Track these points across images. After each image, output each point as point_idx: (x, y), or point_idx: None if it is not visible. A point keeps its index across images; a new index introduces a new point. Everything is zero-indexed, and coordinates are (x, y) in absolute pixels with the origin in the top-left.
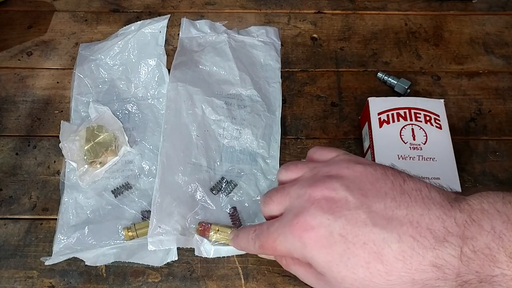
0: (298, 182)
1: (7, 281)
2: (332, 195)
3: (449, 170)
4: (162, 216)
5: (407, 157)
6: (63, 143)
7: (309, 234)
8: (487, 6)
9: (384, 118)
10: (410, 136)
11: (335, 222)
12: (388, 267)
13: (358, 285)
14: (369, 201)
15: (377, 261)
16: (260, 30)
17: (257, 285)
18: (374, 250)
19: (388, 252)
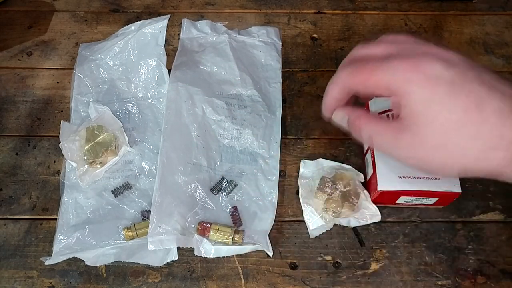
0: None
1: (7, 281)
2: (446, 56)
3: None
4: (162, 216)
5: None
6: (63, 143)
7: (418, 71)
8: (487, 6)
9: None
10: None
11: (447, 71)
12: (484, 116)
13: (447, 128)
14: (477, 71)
15: (476, 109)
16: (261, 30)
17: (257, 285)
18: (476, 100)
19: (488, 105)
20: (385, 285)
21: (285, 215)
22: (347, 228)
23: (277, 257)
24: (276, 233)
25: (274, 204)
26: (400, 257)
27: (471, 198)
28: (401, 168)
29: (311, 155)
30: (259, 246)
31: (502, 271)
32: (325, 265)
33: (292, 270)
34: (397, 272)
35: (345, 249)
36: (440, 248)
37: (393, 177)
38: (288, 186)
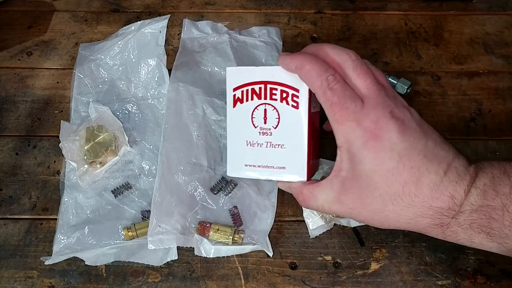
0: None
1: (7, 281)
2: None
3: (297, 158)
4: (162, 215)
5: (256, 143)
6: (63, 143)
7: (375, 142)
8: (487, 6)
9: (238, 95)
10: (262, 118)
11: (401, 142)
12: (419, 190)
13: (386, 197)
14: (427, 137)
15: (413, 184)
16: (261, 30)
17: (257, 285)
18: (415, 175)
19: (425, 179)
20: (385, 285)
21: (285, 215)
22: (347, 228)
23: (277, 257)
24: (276, 233)
25: (274, 204)
26: (400, 257)
27: None
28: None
29: None
30: (259, 246)
31: (502, 271)
32: (325, 265)
33: (292, 270)
34: (397, 272)
35: (345, 249)
36: (440, 248)
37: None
38: None
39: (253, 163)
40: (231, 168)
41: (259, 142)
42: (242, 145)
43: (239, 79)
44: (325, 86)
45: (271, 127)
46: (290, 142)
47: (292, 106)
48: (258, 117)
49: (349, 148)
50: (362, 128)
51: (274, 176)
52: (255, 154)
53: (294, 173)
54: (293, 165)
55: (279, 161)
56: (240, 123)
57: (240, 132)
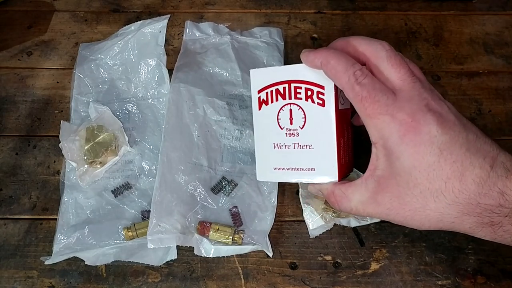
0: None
1: (7, 281)
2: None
3: (327, 159)
4: (162, 214)
5: (283, 145)
6: (63, 143)
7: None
8: (487, 6)
9: (263, 97)
10: (288, 119)
11: (441, 136)
12: (464, 186)
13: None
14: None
15: (457, 179)
16: (263, 31)
17: (257, 285)
18: (459, 170)
19: (470, 174)
20: (385, 285)
21: (285, 215)
22: (347, 228)
23: (277, 257)
24: (276, 233)
25: (274, 204)
26: (400, 257)
27: None
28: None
29: None
30: (259, 246)
31: (502, 271)
32: (325, 265)
33: (292, 270)
34: (397, 272)
35: (345, 249)
36: (440, 248)
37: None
38: (288, 186)
39: (282, 166)
40: (260, 172)
41: (287, 144)
42: (269, 148)
43: (263, 81)
44: (353, 81)
45: (297, 127)
46: (319, 141)
47: (318, 104)
48: (284, 118)
49: (385, 143)
50: (397, 122)
51: (304, 178)
52: (283, 157)
53: (324, 174)
54: (323, 165)
55: (308, 162)
56: (266, 125)
57: (267, 135)
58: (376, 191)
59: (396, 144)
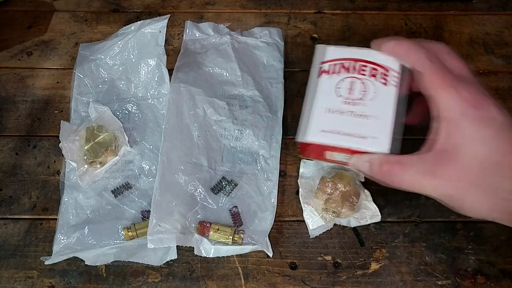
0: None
1: (7, 281)
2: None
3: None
4: (162, 214)
5: (337, 111)
6: (63, 143)
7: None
8: (487, 6)
9: (325, 68)
10: (347, 89)
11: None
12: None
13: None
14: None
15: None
16: (263, 31)
17: (257, 285)
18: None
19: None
20: (385, 285)
21: (285, 215)
22: (347, 228)
23: (277, 257)
24: (276, 233)
25: (274, 204)
26: (400, 257)
27: None
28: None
29: None
30: (259, 246)
31: (502, 271)
32: (325, 265)
33: (292, 270)
34: (397, 272)
35: (345, 249)
36: (440, 248)
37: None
38: (288, 186)
39: (332, 129)
40: (306, 132)
41: (342, 111)
42: (321, 112)
43: (328, 55)
44: (425, 57)
45: (356, 98)
46: (376, 114)
47: (381, 83)
48: (343, 87)
49: (448, 115)
50: (461, 97)
51: (352, 145)
52: (335, 121)
53: (375, 144)
54: (376, 136)
55: (361, 130)
56: (323, 91)
57: (321, 100)
58: (435, 164)
59: (460, 116)
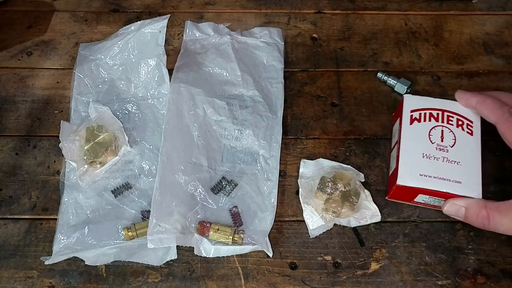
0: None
1: (7, 281)
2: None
3: (473, 176)
4: (162, 214)
5: (432, 157)
6: (63, 143)
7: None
8: (487, 6)
9: (416, 116)
10: (439, 137)
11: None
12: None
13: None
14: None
15: None
16: (263, 31)
17: (257, 285)
18: None
19: None
20: (385, 285)
21: (285, 215)
22: (347, 228)
23: (277, 257)
24: (276, 233)
25: (274, 204)
26: (400, 257)
27: None
28: (423, 166)
29: (311, 155)
30: (258, 246)
31: (502, 271)
32: (325, 265)
33: (292, 270)
34: (397, 272)
35: (345, 249)
36: (440, 248)
37: (414, 173)
38: (288, 186)
39: (429, 174)
40: (404, 177)
41: (436, 156)
42: (417, 157)
43: (417, 104)
44: (507, 115)
45: (447, 145)
46: (466, 160)
47: (467, 133)
48: (435, 135)
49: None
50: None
51: (449, 189)
52: (431, 166)
53: (469, 189)
54: (469, 180)
55: (455, 175)
56: (417, 138)
57: (417, 145)
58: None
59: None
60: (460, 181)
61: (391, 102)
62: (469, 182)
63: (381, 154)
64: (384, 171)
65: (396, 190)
